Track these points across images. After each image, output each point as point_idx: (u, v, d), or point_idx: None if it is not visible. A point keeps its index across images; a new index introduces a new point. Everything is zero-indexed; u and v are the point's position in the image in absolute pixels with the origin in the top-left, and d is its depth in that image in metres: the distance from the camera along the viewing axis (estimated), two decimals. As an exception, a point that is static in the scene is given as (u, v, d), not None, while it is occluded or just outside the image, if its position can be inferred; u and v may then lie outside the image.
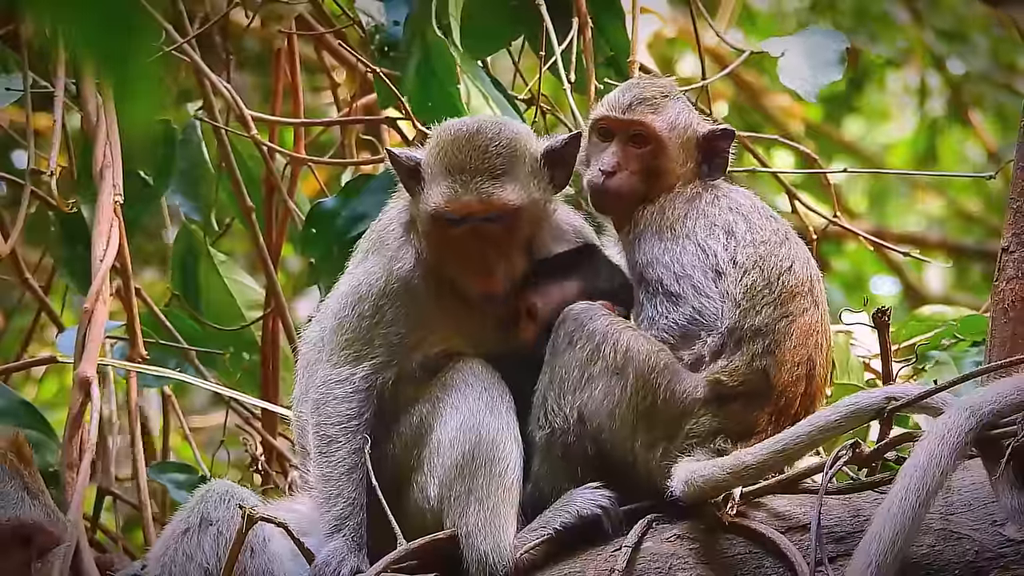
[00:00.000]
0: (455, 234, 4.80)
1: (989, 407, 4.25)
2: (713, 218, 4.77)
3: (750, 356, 4.62)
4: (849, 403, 4.43)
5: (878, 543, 4.11)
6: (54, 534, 4.77)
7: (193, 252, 6.53)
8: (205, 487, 4.89)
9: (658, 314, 4.68)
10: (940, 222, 12.45)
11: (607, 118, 4.89)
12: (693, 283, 4.67)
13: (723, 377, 4.60)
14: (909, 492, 4.15)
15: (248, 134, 6.28)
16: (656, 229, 4.77)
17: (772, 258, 4.72)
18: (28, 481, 4.81)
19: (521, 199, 4.80)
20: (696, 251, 4.71)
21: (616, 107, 4.89)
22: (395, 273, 4.84)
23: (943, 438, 4.20)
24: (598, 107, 4.97)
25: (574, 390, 4.64)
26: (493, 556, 4.59)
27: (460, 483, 4.65)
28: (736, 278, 4.68)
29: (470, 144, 4.81)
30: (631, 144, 4.86)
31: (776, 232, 4.77)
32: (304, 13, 6.76)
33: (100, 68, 2.67)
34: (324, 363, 4.86)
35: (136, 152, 5.89)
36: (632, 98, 4.88)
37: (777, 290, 4.68)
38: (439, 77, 5.84)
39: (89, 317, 5.43)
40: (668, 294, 4.68)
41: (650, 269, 4.73)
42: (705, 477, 4.44)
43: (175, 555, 4.77)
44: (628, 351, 4.61)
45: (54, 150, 5.74)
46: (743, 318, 4.64)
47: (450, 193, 4.78)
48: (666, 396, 4.60)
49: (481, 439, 4.66)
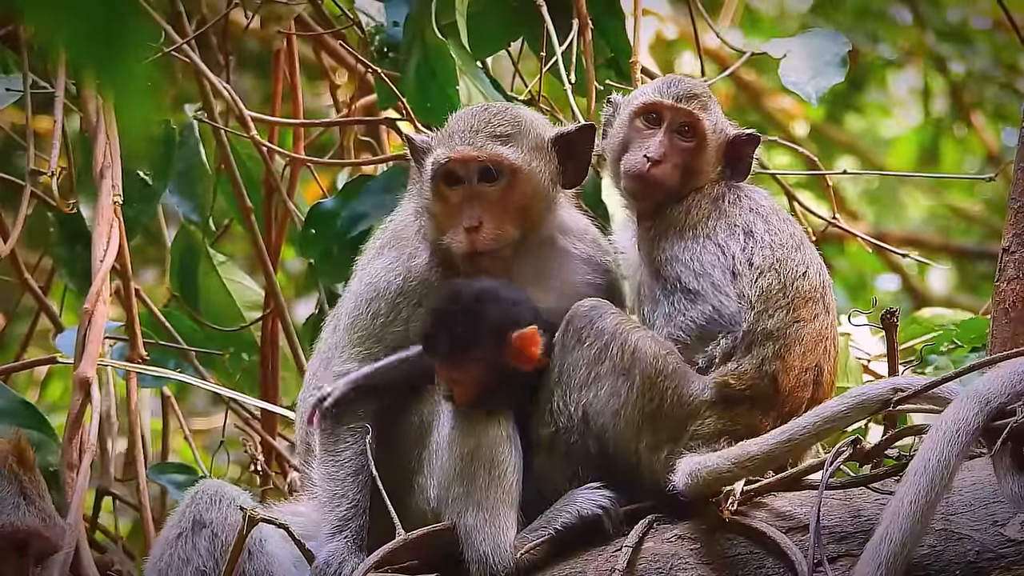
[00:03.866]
0: (453, 197, 4.81)
1: (996, 400, 4.22)
2: (734, 218, 4.78)
3: (760, 360, 4.61)
4: (855, 394, 4.41)
5: (888, 544, 4.09)
6: (51, 540, 4.74)
7: (192, 253, 6.52)
8: (194, 489, 4.85)
9: (675, 311, 4.68)
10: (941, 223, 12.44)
11: (659, 104, 4.87)
12: (712, 281, 4.67)
13: (731, 380, 4.60)
14: (919, 493, 4.12)
15: (247, 135, 6.28)
16: (679, 228, 4.78)
17: (789, 262, 4.73)
18: (26, 486, 4.79)
19: (520, 161, 4.80)
20: (716, 251, 4.72)
21: (669, 95, 4.87)
22: (413, 270, 4.85)
23: (951, 437, 4.17)
24: (645, 93, 4.94)
25: (580, 388, 4.63)
26: (493, 556, 4.59)
27: (459, 484, 4.65)
28: (751, 279, 4.68)
29: (477, 114, 4.89)
30: (677, 135, 4.85)
31: (793, 236, 4.79)
32: (303, 14, 6.76)
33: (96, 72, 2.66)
34: (336, 360, 4.85)
35: (135, 153, 5.88)
36: (684, 90, 4.88)
37: (791, 295, 4.69)
38: (439, 78, 5.84)
39: (89, 317, 5.42)
40: (686, 291, 4.67)
41: (669, 266, 4.73)
42: (709, 468, 4.43)
43: (171, 560, 4.74)
44: (636, 352, 4.60)
45: (54, 151, 5.74)
46: (756, 321, 4.64)
47: (450, 147, 4.81)
48: (673, 400, 4.59)
49: (479, 441, 4.66)
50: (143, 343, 6.02)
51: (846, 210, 10.30)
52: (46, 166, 5.78)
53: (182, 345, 6.32)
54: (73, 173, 6.12)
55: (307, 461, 4.95)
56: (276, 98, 6.92)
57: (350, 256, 5.91)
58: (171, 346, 6.30)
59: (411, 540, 4.60)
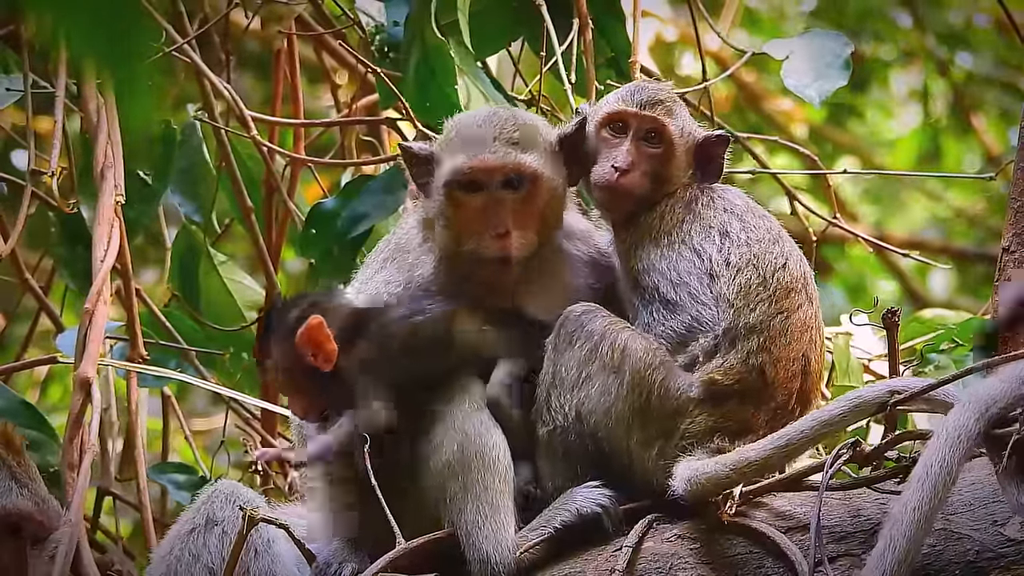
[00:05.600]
0: (472, 204, 4.79)
1: (997, 406, 4.21)
2: (708, 220, 4.77)
3: (745, 354, 4.61)
4: (852, 397, 4.41)
5: (892, 552, 4.07)
6: (44, 523, 4.76)
7: (193, 253, 6.52)
8: (212, 487, 4.88)
9: (654, 321, 4.68)
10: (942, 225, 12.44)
11: (624, 112, 4.85)
12: (690, 290, 4.67)
13: (718, 376, 4.60)
14: (922, 500, 4.10)
15: (248, 135, 6.28)
16: (654, 236, 4.77)
17: (767, 256, 4.72)
18: (16, 470, 4.80)
19: (540, 168, 4.80)
20: (692, 256, 4.71)
21: (633, 102, 4.85)
22: (415, 280, 4.85)
23: (953, 443, 4.16)
24: (609, 103, 4.90)
25: (572, 388, 4.64)
26: (495, 556, 4.58)
27: (455, 485, 4.63)
28: (730, 278, 4.67)
29: (488, 121, 4.85)
30: (644, 142, 4.83)
31: (769, 230, 4.78)
32: (304, 14, 6.76)
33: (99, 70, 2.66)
34: None
35: (136, 153, 5.88)
36: (648, 97, 4.85)
37: (772, 287, 4.68)
38: (438, 78, 5.83)
39: (89, 317, 5.42)
40: (665, 302, 4.68)
41: (646, 276, 4.73)
42: (708, 475, 4.44)
43: (181, 555, 4.77)
44: (625, 349, 4.61)
45: (55, 150, 5.73)
46: (737, 317, 4.64)
47: (470, 157, 4.79)
48: (660, 392, 4.60)
49: (471, 443, 4.63)
50: (143, 343, 6.02)
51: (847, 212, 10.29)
52: (47, 166, 5.78)
53: (182, 345, 6.32)
54: (74, 173, 6.12)
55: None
56: (277, 98, 6.92)
57: (351, 256, 5.93)
58: (172, 346, 6.30)
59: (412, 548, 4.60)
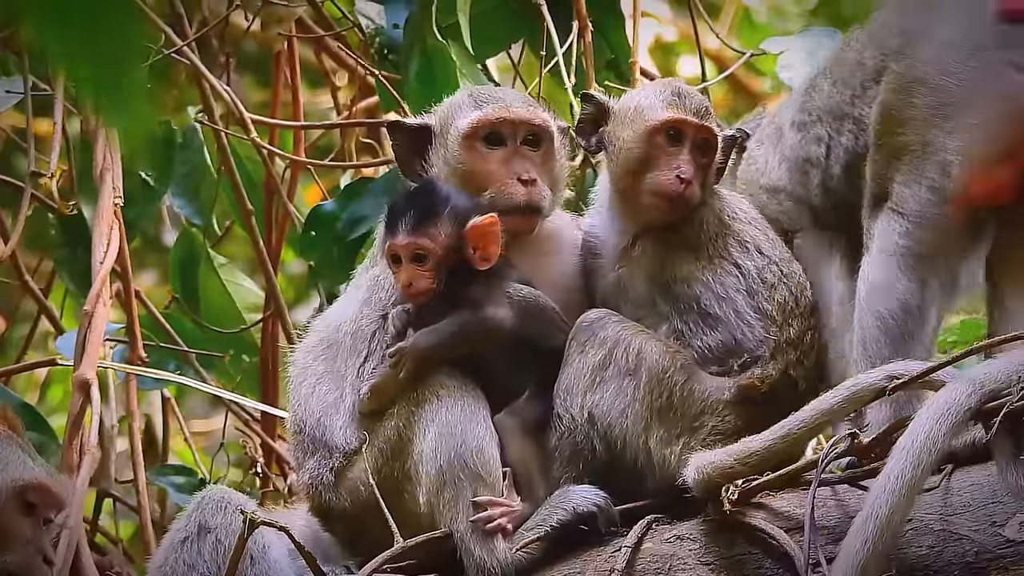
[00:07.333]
0: (493, 157, 4.81)
1: (992, 384, 4.22)
2: (742, 235, 4.77)
3: (784, 365, 4.67)
4: (850, 384, 4.42)
5: (873, 520, 4.11)
6: (58, 496, 4.78)
7: (193, 255, 6.53)
8: (200, 494, 4.85)
9: (689, 332, 4.68)
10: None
11: (684, 121, 4.75)
12: (736, 307, 4.68)
13: (757, 383, 4.65)
14: (905, 469, 4.13)
15: (248, 137, 6.28)
16: (692, 246, 4.75)
17: (794, 275, 4.78)
18: (25, 446, 4.82)
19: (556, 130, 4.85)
20: (735, 272, 4.72)
21: (689, 111, 4.77)
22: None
23: (940, 415, 4.18)
24: (658, 108, 4.77)
25: (584, 392, 4.64)
26: (489, 558, 4.58)
27: (449, 489, 4.63)
28: (767, 295, 4.71)
29: (502, 88, 4.90)
30: (698, 152, 4.78)
31: (784, 248, 4.83)
32: (304, 16, 6.76)
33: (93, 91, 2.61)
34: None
35: (135, 156, 5.88)
36: (698, 105, 4.79)
37: (803, 304, 4.74)
38: (438, 80, 5.84)
39: (89, 319, 5.42)
40: (705, 315, 4.68)
41: (685, 285, 4.71)
42: (714, 464, 4.45)
43: (176, 564, 4.75)
44: (641, 353, 4.63)
45: (54, 152, 5.75)
46: (780, 333, 4.69)
47: (496, 109, 4.81)
48: (683, 394, 4.62)
49: (465, 446, 4.62)
50: (143, 345, 6.02)
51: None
52: (47, 168, 5.79)
53: (182, 347, 6.32)
54: (74, 175, 6.12)
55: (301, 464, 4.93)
56: (276, 100, 6.93)
57: (350, 258, 5.93)
58: (171, 348, 6.31)
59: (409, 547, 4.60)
